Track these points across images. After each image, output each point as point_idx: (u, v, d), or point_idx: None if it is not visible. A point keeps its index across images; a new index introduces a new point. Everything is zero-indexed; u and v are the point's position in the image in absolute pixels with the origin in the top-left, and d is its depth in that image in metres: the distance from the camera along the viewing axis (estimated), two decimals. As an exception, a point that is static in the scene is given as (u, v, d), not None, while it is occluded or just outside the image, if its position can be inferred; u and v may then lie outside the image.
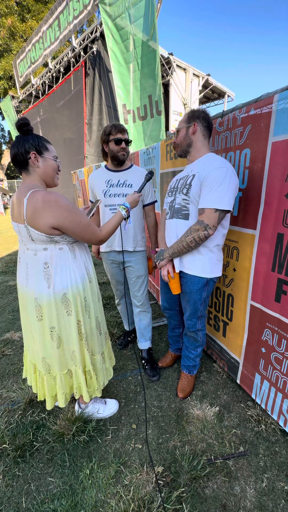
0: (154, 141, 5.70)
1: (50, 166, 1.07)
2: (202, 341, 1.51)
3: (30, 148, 1.00)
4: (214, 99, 10.64)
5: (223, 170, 1.09)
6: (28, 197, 0.96)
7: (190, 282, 1.29)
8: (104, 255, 1.73)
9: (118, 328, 2.29)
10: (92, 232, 1.09)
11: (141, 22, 5.10)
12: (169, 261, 1.31)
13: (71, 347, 1.16)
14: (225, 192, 1.09)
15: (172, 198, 1.33)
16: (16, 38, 13.09)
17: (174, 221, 1.31)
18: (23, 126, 1.00)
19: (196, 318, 1.41)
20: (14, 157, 1.02)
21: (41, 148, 1.03)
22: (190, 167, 1.28)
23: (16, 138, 1.02)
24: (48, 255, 1.05)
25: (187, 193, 1.21)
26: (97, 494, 1.09)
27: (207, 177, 1.12)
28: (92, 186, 1.62)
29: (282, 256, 1.15)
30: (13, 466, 1.20)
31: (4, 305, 2.87)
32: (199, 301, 1.33)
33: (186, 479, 1.12)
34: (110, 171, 1.57)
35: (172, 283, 1.32)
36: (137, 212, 1.59)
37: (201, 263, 1.25)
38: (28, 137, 1.00)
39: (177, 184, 1.31)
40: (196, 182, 1.17)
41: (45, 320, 1.10)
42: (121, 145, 1.45)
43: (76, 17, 6.88)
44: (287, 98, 1.00)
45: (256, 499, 1.06)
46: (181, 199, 1.26)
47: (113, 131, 1.45)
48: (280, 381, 1.27)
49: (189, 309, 1.39)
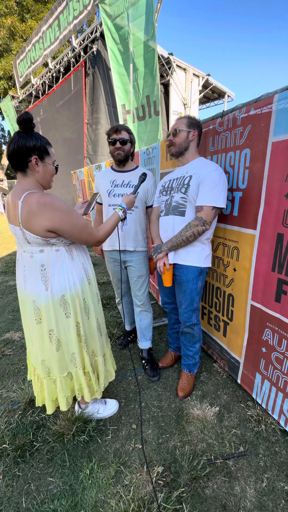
0: (152, 142, 5.71)
1: (49, 172, 1.05)
2: (199, 336, 1.54)
3: (33, 151, 0.95)
4: (214, 99, 10.65)
5: (218, 172, 1.23)
6: (22, 200, 0.93)
7: (186, 271, 1.38)
8: (107, 254, 1.74)
9: (118, 328, 2.29)
10: (89, 234, 1.07)
11: (140, 22, 5.11)
12: (166, 254, 1.38)
13: (70, 349, 1.15)
14: (220, 192, 1.22)
15: (168, 197, 1.41)
16: (16, 38, 13.09)
17: (171, 218, 1.37)
18: (26, 123, 0.92)
19: (191, 311, 1.45)
20: (12, 155, 0.94)
21: (43, 152, 0.99)
22: (184, 168, 1.37)
23: (17, 134, 0.94)
24: (44, 257, 1.03)
25: (186, 192, 1.30)
26: (97, 494, 1.09)
27: (205, 178, 1.23)
28: (97, 185, 1.65)
29: (282, 256, 1.15)
30: (13, 466, 1.20)
31: (4, 305, 2.87)
32: (195, 290, 1.41)
33: (186, 479, 1.12)
34: (115, 172, 1.60)
35: (166, 275, 1.40)
36: (139, 212, 1.60)
37: (196, 255, 1.36)
38: (31, 138, 0.94)
39: (172, 184, 1.40)
40: (194, 182, 1.27)
41: (43, 322, 1.08)
42: (116, 145, 1.48)
43: (76, 17, 6.88)
44: (287, 98, 1.00)
45: (256, 499, 1.06)
46: (179, 198, 1.34)
47: (110, 132, 1.50)
48: (281, 381, 1.26)
49: (185, 300, 1.43)
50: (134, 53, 5.41)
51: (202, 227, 1.24)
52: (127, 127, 1.51)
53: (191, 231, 1.26)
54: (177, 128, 1.32)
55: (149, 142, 5.73)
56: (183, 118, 1.35)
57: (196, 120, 1.36)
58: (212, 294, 1.71)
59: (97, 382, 1.29)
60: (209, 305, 1.77)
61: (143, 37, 5.16)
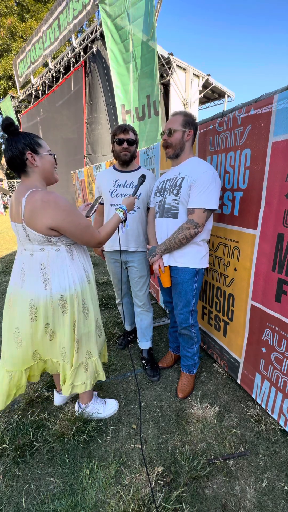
0: (152, 142, 5.71)
1: (48, 162, 1.05)
2: (197, 338, 1.54)
3: (25, 148, 0.96)
4: (214, 99, 10.65)
5: (210, 174, 1.20)
6: (26, 197, 0.94)
7: (181, 273, 1.37)
8: (107, 254, 1.74)
9: (118, 328, 2.29)
10: (91, 234, 1.08)
11: (140, 22, 5.11)
12: (160, 256, 1.39)
13: (62, 344, 1.16)
14: (212, 193, 1.20)
15: (161, 198, 1.40)
16: (16, 38, 13.10)
17: (164, 220, 1.37)
18: (9, 127, 0.94)
19: (188, 312, 1.44)
20: (10, 161, 0.98)
21: (35, 146, 1.00)
22: (177, 169, 1.35)
23: (6, 141, 0.97)
24: (44, 256, 1.03)
25: (177, 194, 1.29)
26: (97, 494, 1.08)
27: (196, 180, 1.21)
28: (99, 185, 1.64)
29: (282, 256, 1.15)
30: (13, 466, 1.20)
31: (4, 305, 2.86)
32: (190, 292, 1.39)
33: (186, 479, 1.12)
34: (117, 171, 1.60)
35: (163, 276, 1.40)
36: (141, 213, 1.60)
37: (190, 256, 1.35)
38: (18, 138, 0.96)
39: (165, 185, 1.38)
40: (185, 184, 1.26)
41: (39, 319, 1.08)
42: (123, 145, 1.48)
43: (75, 17, 6.89)
44: (287, 98, 1.00)
45: (256, 499, 1.06)
46: (171, 200, 1.32)
47: (117, 132, 1.49)
48: (281, 381, 1.27)
49: (181, 301, 1.43)
50: (134, 53, 5.41)
51: (194, 229, 1.23)
52: (133, 127, 1.52)
53: (183, 234, 1.25)
54: (172, 128, 1.29)
55: (149, 142, 5.73)
56: (178, 115, 1.30)
57: (192, 117, 1.32)
58: (213, 294, 1.71)
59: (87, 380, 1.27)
60: (209, 305, 1.77)
61: (143, 37, 5.16)
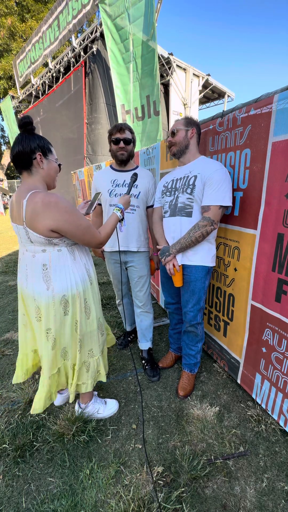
0: (152, 142, 5.70)
1: (53, 168, 1.08)
2: (202, 336, 1.55)
3: (36, 148, 0.99)
4: (214, 99, 10.65)
5: (223, 171, 1.24)
6: (27, 199, 0.94)
7: (195, 271, 1.38)
8: (108, 255, 1.74)
9: (118, 328, 2.29)
10: (92, 235, 1.08)
11: (140, 22, 5.11)
12: (174, 256, 1.38)
13: (63, 344, 1.16)
14: (226, 190, 1.23)
15: (172, 197, 1.40)
16: (16, 38, 13.09)
17: (178, 219, 1.37)
18: (27, 125, 0.98)
19: (198, 310, 1.46)
20: (18, 156, 0.98)
21: (46, 150, 1.04)
22: (186, 168, 1.36)
23: (20, 136, 0.99)
24: (46, 257, 1.04)
25: (191, 192, 1.30)
26: (97, 494, 1.08)
27: (210, 178, 1.23)
28: (97, 185, 1.63)
29: (282, 256, 1.15)
30: (13, 466, 1.20)
31: (4, 305, 2.87)
32: (202, 289, 1.41)
33: (186, 479, 1.12)
34: (115, 171, 1.59)
35: (176, 276, 1.39)
36: (141, 213, 1.60)
37: (203, 254, 1.36)
38: (33, 137, 0.99)
39: (175, 184, 1.39)
40: (199, 183, 1.27)
41: (42, 321, 1.09)
42: (119, 145, 1.47)
43: (75, 16, 6.88)
44: (287, 98, 1.00)
45: (256, 499, 1.06)
46: (185, 198, 1.33)
47: (113, 131, 1.48)
48: (281, 381, 1.26)
49: (192, 299, 1.44)
50: (134, 53, 5.41)
51: (210, 227, 1.25)
52: (130, 126, 1.51)
53: (199, 232, 1.26)
54: (175, 128, 1.34)
55: (149, 142, 5.73)
56: (180, 119, 1.37)
57: (193, 119, 1.37)
58: (213, 294, 1.71)
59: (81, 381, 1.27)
60: (209, 305, 1.77)
61: (143, 37, 5.16)
